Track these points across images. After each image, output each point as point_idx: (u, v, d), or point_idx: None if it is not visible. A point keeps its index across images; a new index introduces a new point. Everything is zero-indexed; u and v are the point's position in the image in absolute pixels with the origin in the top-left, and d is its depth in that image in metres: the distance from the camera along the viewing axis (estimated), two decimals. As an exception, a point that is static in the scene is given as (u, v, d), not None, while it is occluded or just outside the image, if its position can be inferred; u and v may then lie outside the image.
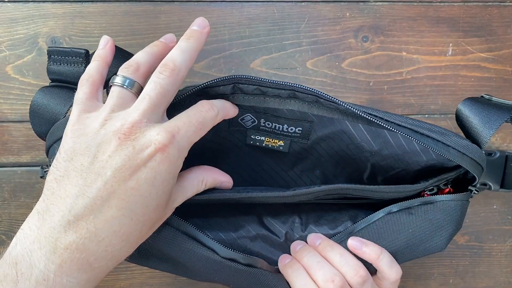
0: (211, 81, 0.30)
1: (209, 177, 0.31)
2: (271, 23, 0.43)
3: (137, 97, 0.27)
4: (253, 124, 0.33)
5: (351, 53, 0.44)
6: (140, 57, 0.29)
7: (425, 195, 0.33)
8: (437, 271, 0.45)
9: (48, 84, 0.33)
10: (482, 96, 0.34)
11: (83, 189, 0.24)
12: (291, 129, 0.33)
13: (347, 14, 0.43)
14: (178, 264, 0.32)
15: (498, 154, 0.41)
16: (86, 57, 0.31)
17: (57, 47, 0.31)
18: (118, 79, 0.27)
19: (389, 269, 0.31)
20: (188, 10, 0.43)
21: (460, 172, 0.32)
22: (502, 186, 0.42)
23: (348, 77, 0.44)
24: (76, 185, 0.24)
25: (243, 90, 0.31)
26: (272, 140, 0.34)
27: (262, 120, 0.32)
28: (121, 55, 0.33)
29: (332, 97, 0.29)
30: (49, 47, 0.31)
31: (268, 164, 0.36)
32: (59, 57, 0.31)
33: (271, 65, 0.43)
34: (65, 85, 0.31)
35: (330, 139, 0.33)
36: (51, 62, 0.31)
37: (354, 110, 0.29)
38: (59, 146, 0.26)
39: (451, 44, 0.44)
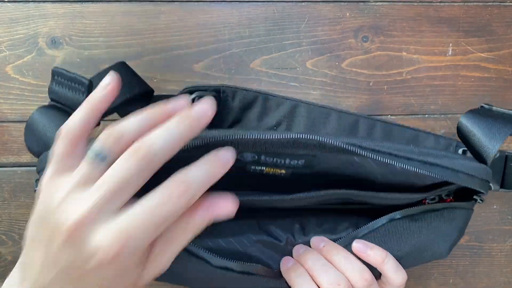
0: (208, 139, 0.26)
1: (207, 216, 0.24)
2: (271, 23, 0.43)
3: None
4: (253, 160, 0.31)
5: (351, 53, 0.44)
6: (129, 125, 0.23)
7: (426, 203, 0.33)
8: (437, 271, 0.45)
9: (47, 103, 0.32)
10: (482, 107, 0.33)
11: (39, 273, 0.23)
12: (294, 162, 0.31)
13: (347, 14, 0.43)
14: (172, 273, 0.31)
15: (498, 154, 0.41)
16: (89, 87, 0.29)
17: (63, 70, 0.29)
18: (94, 147, 0.23)
19: (394, 273, 0.31)
20: (188, 10, 0.43)
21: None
22: (502, 186, 0.42)
23: (348, 77, 0.44)
24: (39, 259, 0.23)
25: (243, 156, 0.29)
26: (273, 169, 0.32)
27: (263, 156, 0.31)
28: (133, 81, 0.31)
29: (338, 142, 0.27)
30: (55, 67, 0.30)
31: (268, 185, 0.34)
32: (63, 80, 0.29)
33: (271, 65, 0.43)
34: (63, 107, 0.31)
35: (336, 168, 0.32)
36: (54, 83, 0.30)
37: (360, 152, 0.27)
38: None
39: (451, 44, 0.44)
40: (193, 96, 0.39)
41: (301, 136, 0.26)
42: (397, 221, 0.31)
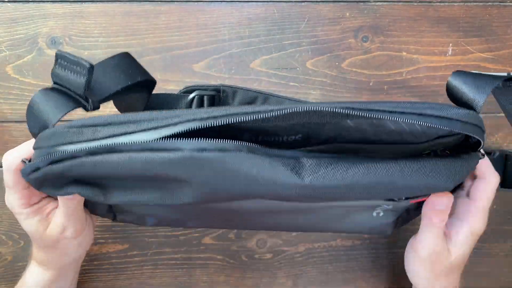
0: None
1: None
2: (271, 23, 0.43)
3: None
4: (250, 139, 0.29)
5: (351, 53, 0.44)
6: None
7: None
8: (437, 271, 0.45)
9: (50, 86, 0.32)
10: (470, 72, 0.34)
11: None
12: (291, 138, 0.31)
13: (347, 14, 0.43)
14: (155, 185, 0.28)
15: (497, 154, 0.41)
16: (89, 71, 0.29)
17: (66, 53, 0.30)
18: None
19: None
20: (188, 10, 0.43)
21: (459, 137, 0.32)
22: (502, 186, 0.42)
23: (348, 77, 0.44)
24: None
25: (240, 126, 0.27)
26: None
27: (260, 138, 0.30)
28: (134, 70, 0.32)
29: (332, 108, 0.26)
30: (59, 51, 0.30)
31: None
32: (66, 63, 0.29)
33: (271, 65, 0.43)
34: (65, 90, 0.31)
35: (332, 138, 0.32)
36: (57, 66, 0.30)
37: (354, 113, 0.26)
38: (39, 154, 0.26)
39: (451, 44, 0.44)
40: (192, 95, 0.39)
41: (298, 109, 0.26)
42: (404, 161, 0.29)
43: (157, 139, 0.25)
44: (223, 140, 0.25)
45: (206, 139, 0.25)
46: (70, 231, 0.32)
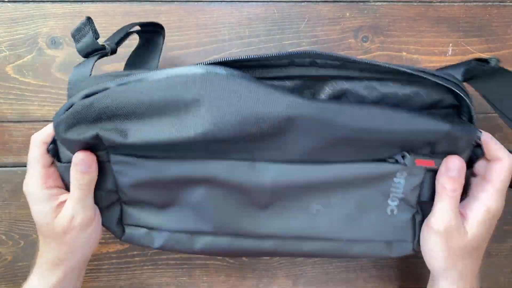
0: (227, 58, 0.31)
1: None
2: (271, 23, 0.43)
3: None
4: None
5: (351, 53, 0.44)
6: None
7: None
8: (437, 271, 0.45)
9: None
10: None
11: None
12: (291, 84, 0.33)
13: (347, 14, 0.43)
14: (171, 114, 0.30)
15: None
16: (89, 21, 0.33)
17: (73, 30, 0.33)
18: None
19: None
20: (188, 10, 0.43)
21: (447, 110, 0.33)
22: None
23: (348, 77, 0.44)
24: None
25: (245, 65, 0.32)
26: None
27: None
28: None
29: (329, 53, 0.30)
30: (72, 31, 0.33)
31: None
32: (77, 35, 0.33)
33: (271, 65, 0.43)
34: (90, 52, 0.33)
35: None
36: (76, 43, 0.33)
37: (348, 65, 0.31)
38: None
39: (451, 44, 0.44)
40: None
41: (296, 52, 0.30)
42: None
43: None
44: (231, 68, 0.30)
45: (218, 66, 0.30)
46: (78, 219, 0.32)
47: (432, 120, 0.30)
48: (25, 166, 0.33)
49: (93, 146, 0.32)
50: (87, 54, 0.33)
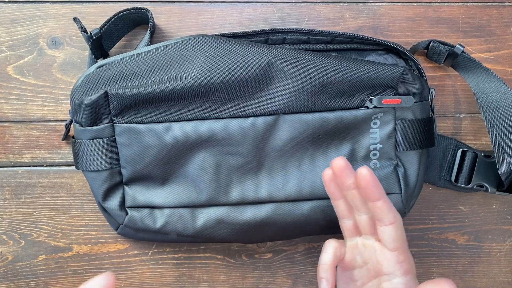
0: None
1: None
2: (271, 24, 0.43)
3: None
4: None
5: (351, 53, 0.44)
6: None
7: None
8: (437, 271, 0.46)
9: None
10: None
11: None
12: None
13: (347, 15, 0.43)
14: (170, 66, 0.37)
15: (494, 158, 0.41)
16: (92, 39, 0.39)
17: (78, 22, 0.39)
18: None
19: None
20: (188, 11, 0.43)
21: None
22: (498, 189, 0.42)
23: (348, 78, 0.44)
24: None
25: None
26: None
27: None
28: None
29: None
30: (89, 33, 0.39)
31: None
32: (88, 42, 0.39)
33: (271, 66, 0.43)
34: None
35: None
36: (90, 50, 0.39)
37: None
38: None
39: (450, 44, 0.44)
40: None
41: (273, 29, 0.40)
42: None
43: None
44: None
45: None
46: None
47: (388, 66, 0.37)
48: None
49: (99, 113, 0.37)
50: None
